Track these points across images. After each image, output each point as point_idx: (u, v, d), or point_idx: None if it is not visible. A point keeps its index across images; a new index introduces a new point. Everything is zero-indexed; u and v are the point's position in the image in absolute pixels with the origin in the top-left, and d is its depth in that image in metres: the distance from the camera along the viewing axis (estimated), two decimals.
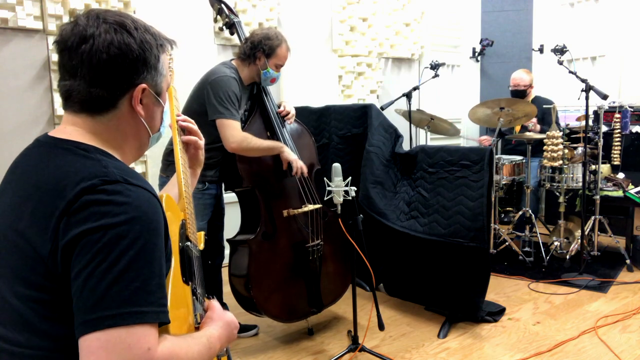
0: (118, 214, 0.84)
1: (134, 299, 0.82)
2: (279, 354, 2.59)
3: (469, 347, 2.61)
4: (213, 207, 2.58)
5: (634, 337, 2.66)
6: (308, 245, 2.56)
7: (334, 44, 4.54)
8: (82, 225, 0.84)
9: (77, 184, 0.87)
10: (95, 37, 0.94)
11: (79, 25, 0.96)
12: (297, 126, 2.75)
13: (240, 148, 2.39)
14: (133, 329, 0.81)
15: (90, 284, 0.81)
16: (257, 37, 2.48)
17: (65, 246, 0.84)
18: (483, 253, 2.67)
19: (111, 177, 0.88)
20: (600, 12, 5.14)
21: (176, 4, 3.60)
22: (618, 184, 3.88)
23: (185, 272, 1.09)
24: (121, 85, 0.97)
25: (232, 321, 1.12)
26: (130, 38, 0.96)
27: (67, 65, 0.96)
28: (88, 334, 0.80)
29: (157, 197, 0.94)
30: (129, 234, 0.84)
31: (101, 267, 0.82)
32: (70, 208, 0.85)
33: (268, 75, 2.49)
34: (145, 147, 1.09)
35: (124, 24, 0.97)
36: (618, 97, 4.87)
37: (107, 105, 0.98)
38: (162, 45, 1.04)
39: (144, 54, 0.98)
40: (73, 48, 0.94)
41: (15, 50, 2.96)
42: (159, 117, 1.08)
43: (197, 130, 1.33)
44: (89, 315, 0.81)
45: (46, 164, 0.93)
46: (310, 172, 2.71)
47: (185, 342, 0.92)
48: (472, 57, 5.69)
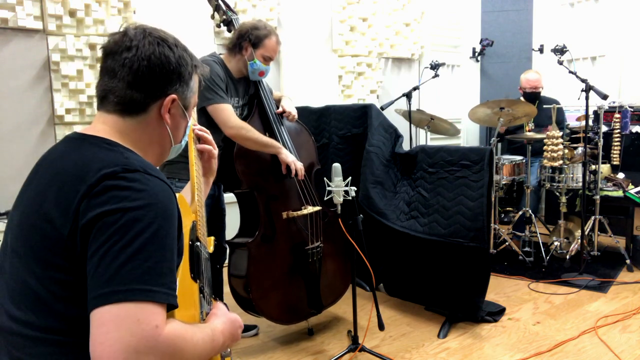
0: (136, 199, 0.90)
1: (145, 277, 0.86)
2: (279, 354, 2.59)
3: (469, 347, 2.61)
4: (210, 207, 2.56)
5: (634, 337, 2.66)
6: (307, 248, 2.55)
7: (334, 44, 4.54)
8: (101, 207, 0.89)
9: (99, 170, 0.93)
10: (139, 47, 1.04)
11: (127, 35, 1.06)
12: (297, 126, 2.73)
13: (238, 135, 2.36)
14: (143, 305, 0.84)
15: (105, 262, 0.86)
16: (245, 27, 2.43)
17: (84, 226, 0.89)
18: (483, 253, 2.67)
19: (131, 166, 0.95)
20: (600, 12, 5.14)
21: (176, 4, 3.60)
22: (618, 184, 3.88)
23: (194, 269, 1.12)
24: (155, 91, 1.07)
25: (237, 320, 1.15)
26: (170, 52, 1.07)
27: (109, 67, 1.06)
28: (100, 307, 0.84)
29: (173, 191, 0.99)
30: (144, 218, 0.89)
31: (116, 247, 0.86)
32: (92, 191, 0.91)
33: (255, 67, 2.43)
34: (166, 155, 1.17)
35: (166, 40, 1.08)
36: (618, 97, 4.87)
37: (139, 109, 1.06)
38: (197, 66, 1.15)
39: (180, 68, 1.09)
40: (118, 54, 1.05)
41: (15, 50, 2.96)
42: (183, 129, 1.17)
43: (212, 140, 1.41)
44: (102, 289, 0.85)
45: (71, 154, 1.01)
46: (310, 172, 2.69)
47: (191, 328, 0.95)
48: (472, 57, 5.69)
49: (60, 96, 3.11)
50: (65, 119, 3.12)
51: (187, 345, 0.90)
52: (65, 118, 3.12)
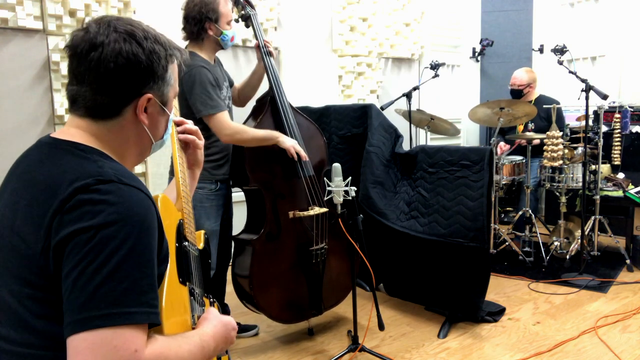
0: (110, 213, 0.85)
1: (122, 299, 0.82)
2: (279, 354, 2.58)
3: (469, 347, 2.61)
4: (224, 207, 2.55)
5: (634, 337, 2.66)
6: (312, 249, 2.55)
7: (334, 44, 4.54)
8: (74, 225, 0.85)
9: (72, 183, 0.88)
10: (104, 46, 0.95)
11: (90, 32, 0.97)
12: (309, 125, 2.71)
13: (234, 140, 2.36)
14: (120, 330, 0.81)
15: (79, 284, 0.82)
16: (194, 11, 2.33)
17: (57, 245, 0.85)
18: (483, 253, 2.67)
19: (105, 177, 0.90)
20: (600, 12, 5.14)
21: (176, 4, 3.59)
22: (618, 184, 3.88)
23: (182, 272, 1.09)
24: (126, 94, 0.99)
25: (229, 322, 1.12)
26: (138, 48, 0.97)
27: (76, 71, 0.98)
28: (75, 333, 0.81)
29: (151, 198, 0.95)
30: (119, 234, 0.85)
31: (91, 267, 0.82)
32: (64, 207, 0.86)
33: (226, 38, 2.40)
34: (147, 153, 1.10)
35: (134, 34, 0.98)
36: (618, 97, 4.87)
37: (111, 113, 0.99)
38: (172, 55, 1.05)
39: (152, 64, 0.99)
40: (82, 55, 0.96)
41: (15, 50, 2.96)
42: (164, 125, 1.10)
43: (197, 130, 1.33)
44: (77, 315, 0.81)
45: (43, 163, 0.95)
46: (320, 172, 2.69)
47: (175, 342, 0.92)
48: (472, 57, 5.69)
49: (60, 96, 3.11)
50: (65, 119, 3.12)
51: None
52: (65, 118, 3.12)
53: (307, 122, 2.70)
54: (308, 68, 4.38)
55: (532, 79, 4.33)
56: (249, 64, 3.98)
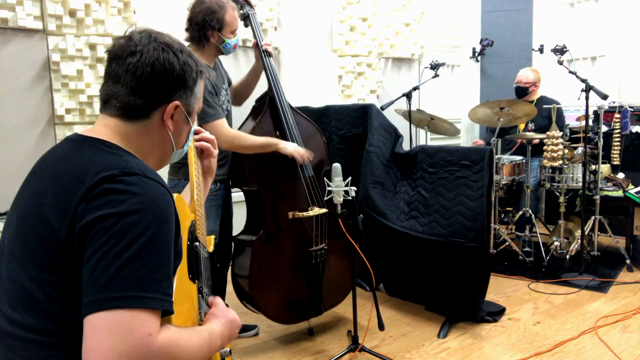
0: (133, 203, 0.90)
1: (141, 284, 0.86)
2: (279, 354, 2.58)
3: (469, 347, 2.61)
4: (223, 207, 2.55)
5: (634, 337, 2.66)
6: (312, 249, 2.54)
7: (334, 44, 4.54)
8: (98, 211, 0.89)
9: (98, 173, 0.93)
10: (144, 53, 1.04)
11: (132, 40, 1.05)
12: (309, 125, 2.70)
13: (233, 146, 2.35)
14: (137, 312, 0.84)
15: (100, 267, 0.85)
16: (199, 16, 2.31)
17: (81, 230, 0.89)
18: (483, 253, 2.67)
19: (130, 170, 0.95)
20: (600, 12, 5.14)
21: (176, 4, 3.59)
22: (618, 184, 3.88)
23: (193, 270, 1.12)
24: (158, 98, 1.06)
25: (235, 319, 1.14)
26: (174, 58, 1.06)
27: (113, 72, 1.05)
28: (93, 313, 0.83)
29: (171, 194, 0.99)
30: (141, 223, 0.89)
31: (112, 252, 0.86)
32: (90, 194, 0.91)
33: (228, 46, 2.40)
34: (167, 159, 1.17)
35: (171, 46, 1.07)
36: (618, 97, 4.87)
37: (141, 114, 1.06)
38: (201, 72, 1.13)
39: (184, 74, 1.08)
40: (122, 58, 1.04)
41: (15, 50, 2.96)
42: (186, 134, 1.16)
43: (213, 139, 1.40)
44: (97, 295, 0.84)
45: (71, 157, 1.00)
46: (319, 172, 2.68)
47: (186, 333, 0.95)
48: (472, 57, 5.69)
49: (60, 96, 3.11)
50: (65, 119, 3.12)
51: (181, 351, 0.90)
52: (65, 118, 3.12)
53: (307, 122, 2.70)
54: (308, 68, 4.38)
55: (538, 78, 4.42)
56: (248, 64, 3.96)
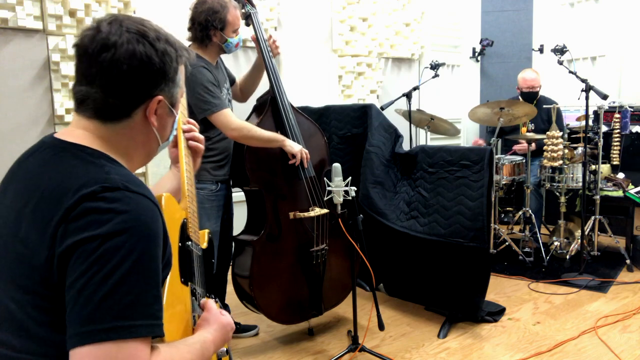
0: (117, 223, 0.83)
1: (127, 312, 0.81)
2: (279, 354, 2.58)
3: (469, 347, 2.61)
4: (224, 207, 2.55)
5: (634, 337, 2.66)
6: (312, 250, 2.54)
7: (334, 44, 4.54)
8: (79, 234, 0.83)
9: (78, 190, 0.86)
10: (117, 47, 0.93)
11: (102, 32, 0.94)
12: (310, 125, 2.70)
13: (241, 136, 2.34)
14: (125, 343, 0.80)
15: (84, 294, 0.80)
16: (202, 16, 2.32)
17: (61, 254, 0.83)
18: (483, 253, 2.67)
19: (112, 184, 0.87)
20: (600, 12, 5.14)
21: (176, 4, 3.59)
22: (618, 184, 3.88)
23: (185, 272, 1.09)
24: (138, 96, 0.97)
25: (228, 323, 1.11)
26: (152, 49, 0.96)
27: (86, 71, 0.95)
28: (80, 346, 0.79)
29: (157, 205, 0.93)
30: (125, 245, 0.83)
31: (96, 278, 0.81)
32: (69, 215, 0.84)
33: (231, 45, 2.40)
34: (153, 154, 1.09)
35: (146, 34, 0.96)
36: (618, 97, 4.87)
37: (121, 115, 0.97)
38: (181, 56, 1.04)
39: (164, 66, 0.98)
40: (93, 55, 0.93)
41: (15, 50, 2.96)
42: (170, 126, 1.09)
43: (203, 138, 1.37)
44: (82, 327, 0.80)
45: (49, 168, 0.92)
46: (320, 172, 2.68)
47: (178, 351, 0.92)
48: (472, 57, 5.69)
49: (60, 96, 3.11)
50: (65, 119, 3.12)
51: None
52: (65, 118, 3.12)
53: (308, 122, 2.70)
54: (308, 68, 4.38)
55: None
56: (248, 63, 3.96)
